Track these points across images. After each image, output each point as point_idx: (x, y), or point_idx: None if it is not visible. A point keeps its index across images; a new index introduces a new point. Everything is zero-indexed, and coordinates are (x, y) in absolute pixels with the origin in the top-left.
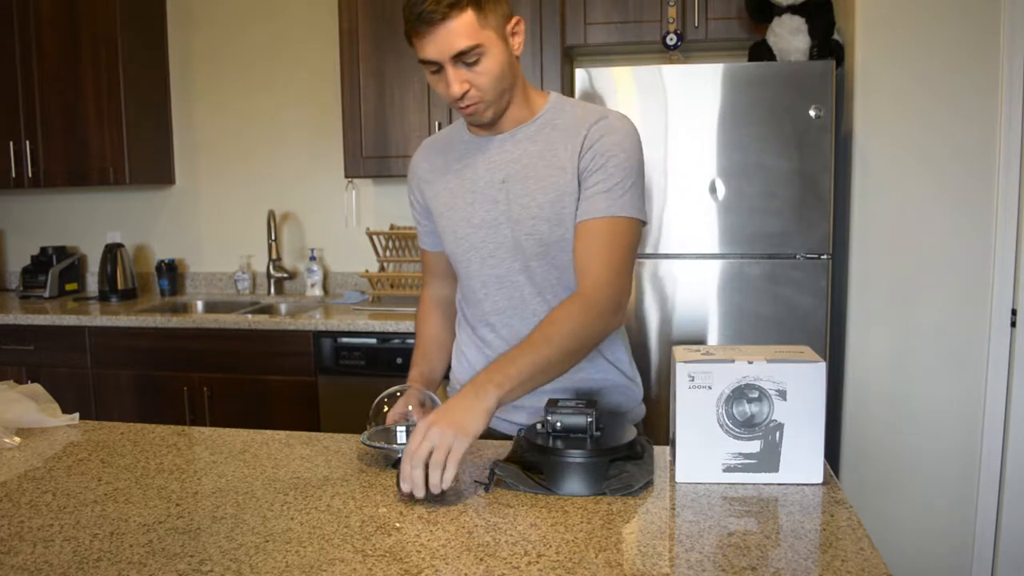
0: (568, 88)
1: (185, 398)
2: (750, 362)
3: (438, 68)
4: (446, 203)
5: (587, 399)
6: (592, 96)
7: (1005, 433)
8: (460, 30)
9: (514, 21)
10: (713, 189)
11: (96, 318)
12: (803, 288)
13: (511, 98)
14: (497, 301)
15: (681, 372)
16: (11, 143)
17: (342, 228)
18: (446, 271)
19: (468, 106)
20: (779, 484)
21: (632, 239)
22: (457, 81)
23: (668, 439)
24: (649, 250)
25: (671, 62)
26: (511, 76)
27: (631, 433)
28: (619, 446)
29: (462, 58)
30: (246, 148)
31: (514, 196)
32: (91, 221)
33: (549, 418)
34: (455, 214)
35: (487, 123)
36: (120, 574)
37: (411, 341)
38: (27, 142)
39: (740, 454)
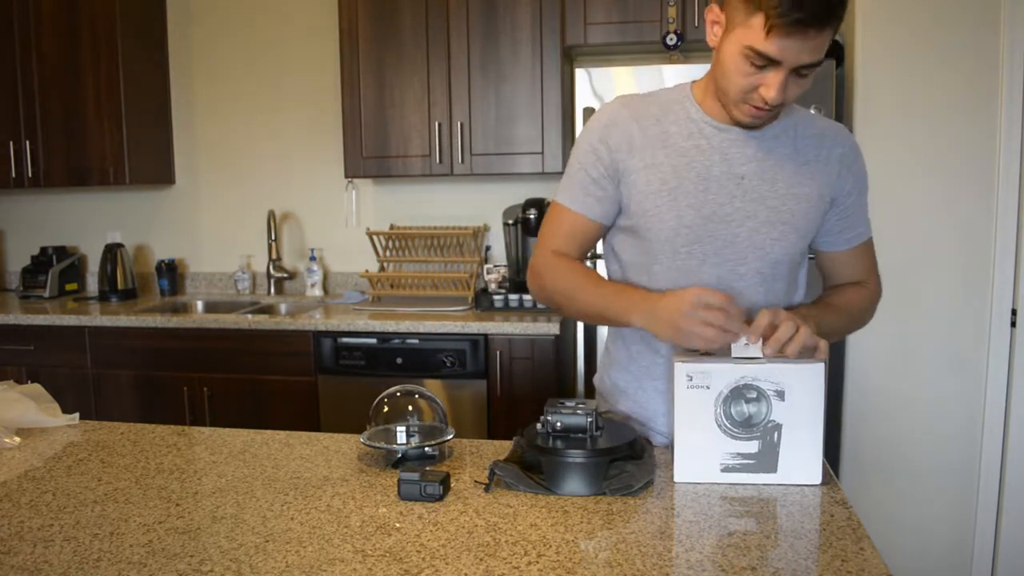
0: (568, 88)
1: (185, 398)
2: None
3: (765, 64)
4: (665, 180)
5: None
6: (592, 96)
7: (1005, 433)
8: (823, 43)
9: None
10: None
11: (96, 318)
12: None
13: None
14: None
15: (679, 371)
16: (11, 143)
17: (342, 228)
18: (584, 246)
19: (767, 111)
20: (777, 485)
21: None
22: (783, 88)
23: None
24: None
25: (671, 62)
26: None
27: (631, 433)
28: (619, 446)
29: (801, 69)
30: (246, 148)
31: (759, 196)
32: (91, 221)
33: (549, 418)
34: (679, 197)
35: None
36: (120, 574)
37: (411, 341)
38: (27, 142)
39: (738, 454)
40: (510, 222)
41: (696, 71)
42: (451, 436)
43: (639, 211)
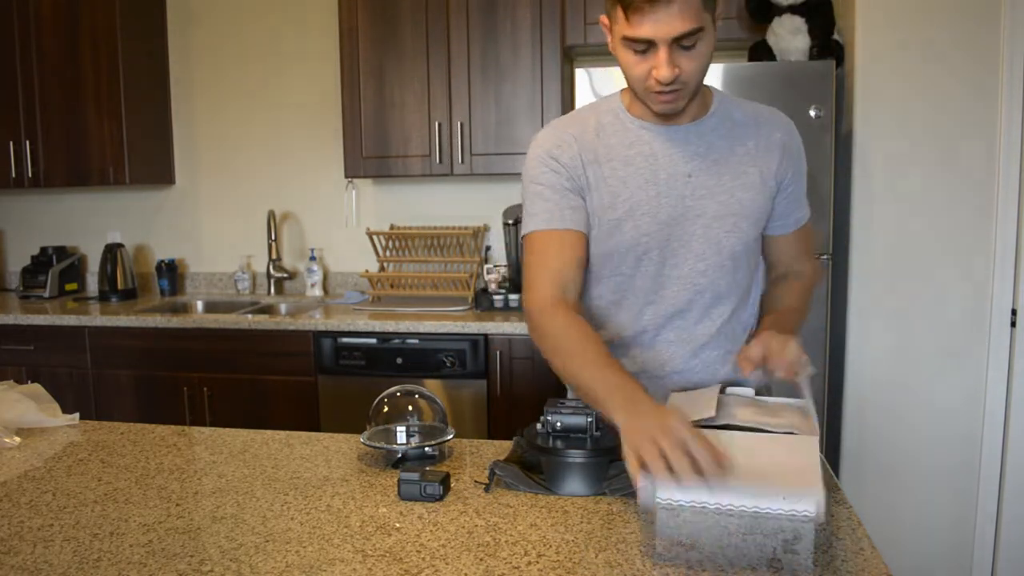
0: (568, 88)
1: (185, 398)
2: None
3: (646, 48)
4: (617, 193)
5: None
6: (592, 96)
7: (1005, 433)
8: (687, 10)
9: (721, 7)
10: None
11: (96, 318)
12: None
13: (700, 88)
14: (674, 304)
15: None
16: (11, 143)
17: (342, 228)
18: (577, 265)
19: (669, 93)
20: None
21: None
22: (670, 65)
23: None
24: None
25: None
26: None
27: None
28: (619, 446)
29: (681, 40)
30: (246, 148)
31: (708, 191)
32: (91, 221)
33: (549, 418)
34: (634, 207)
35: (676, 113)
36: (120, 574)
37: (411, 341)
38: (27, 142)
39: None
40: (510, 222)
41: None
42: (451, 436)
43: (598, 225)
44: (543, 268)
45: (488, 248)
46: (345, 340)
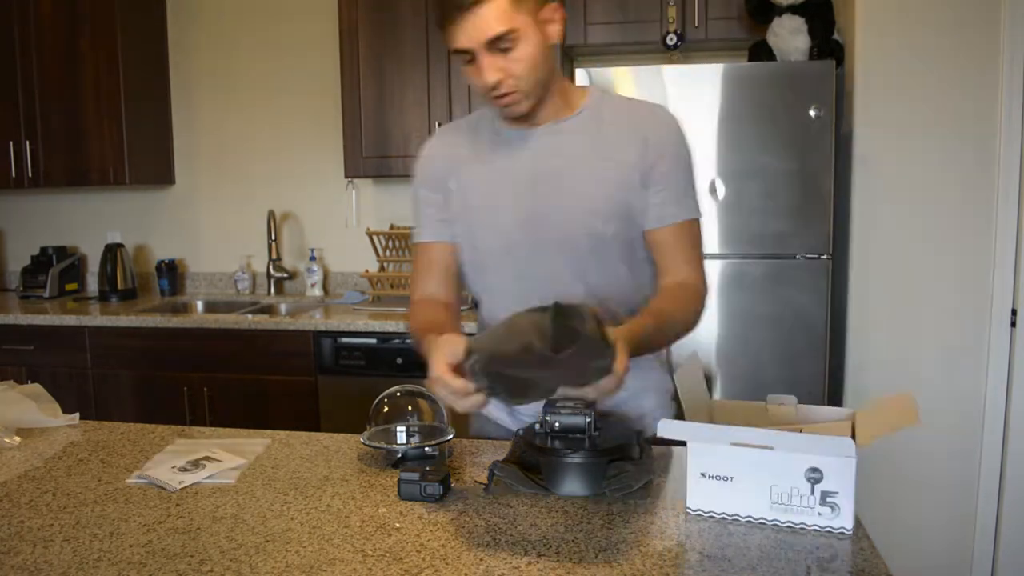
0: None
1: (185, 398)
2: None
3: (471, 58)
4: (479, 197)
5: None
6: None
7: (1005, 433)
8: (493, 15)
9: (551, 8)
10: (713, 189)
11: (96, 318)
12: (803, 288)
13: (548, 90)
14: (538, 302)
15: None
16: (11, 143)
17: (342, 228)
18: (452, 270)
19: (504, 96)
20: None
21: (702, 237)
22: (491, 69)
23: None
24: None
25: (671, 62)
26: (548, 65)
27: (629, 433)
28: (617, 446)
29: (496, 44)
30: (246, 148)
31: (564, 191)
32: (91, 221)
33: (547, 418)
34: (493, 210)
35: (523, 115)
36: (120, 574)
37: (411, 341)
38: (27, 142)
39: None
40: None
41: (696, 71)
42: (451, 436)
43: (465, 228)
44: (420, 274)
45: None
46: (345, 340)
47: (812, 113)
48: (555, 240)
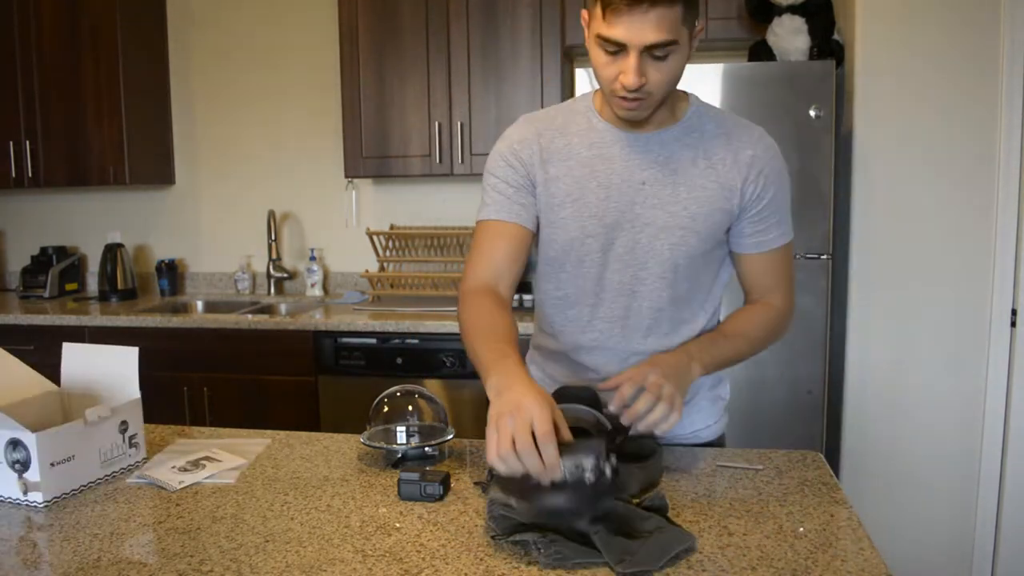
0: (568, 88)
1: (185, 398)
2: None
3: (618, 50)
4: (569, 192)
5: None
6: None
7: (1005, 433)
8: (665, 22)
9: (700, 25)
10: None
11: (96, 318)
12: (803, 288)
13: (668, 99)
14: (612, 308)
15: None
16: (11, 143)
17: (342, 228)
18: (514, 258)
19: (633, 100)
20: None
21: (792, 257)
22: (638, 72)
23: None
24: None
25: None
26: (680, 78)
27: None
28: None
29: (653, 50)
30: (246, 148)
31: (660, 201)
32: (91, 221)
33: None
34: (582, 207)
35: (639, 120)
36: (120, 574)
37: (411, 341)
38: (27, 142)
39: None
40: None
41: (697, 70)
42: (451, 436)
43: (546, 222)
44: (482, 256)
45: None
46: (345, 340)
47: (812, 113)
48: (645, 249)
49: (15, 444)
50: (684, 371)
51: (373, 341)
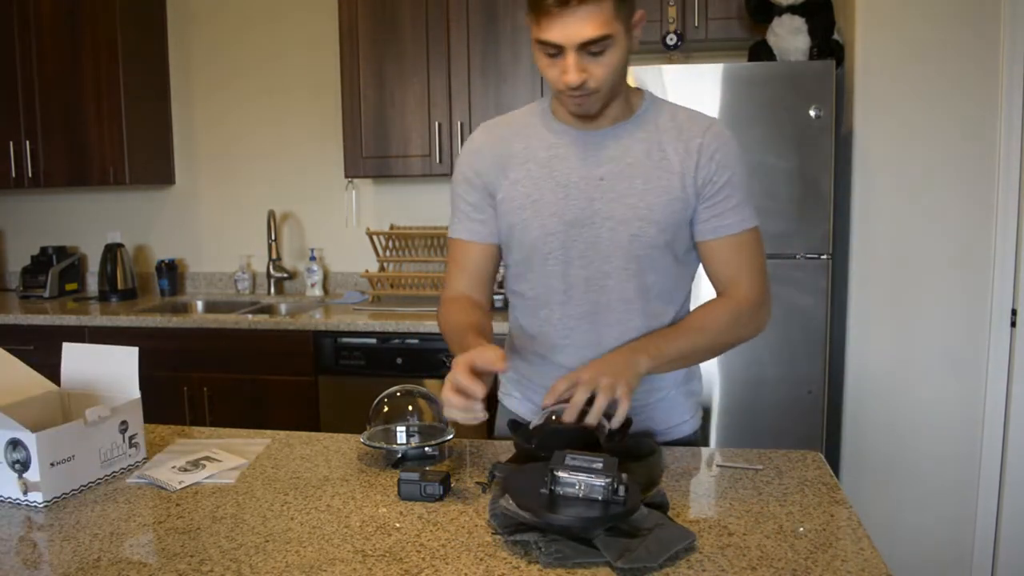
0: None
1: (185, 398)
2: None
3: (556, 52)
4: (528, 194)
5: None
6: None
7: (1005, 433)
8: (595, 18)
9: (639, 15)
10: None
11: (96, 318)
12: (803, 288)
13: (618, 93)
14: (581, 305)
15: None
16: (11, 143)
17: (342, 228)
18: (483, 270)
19: (580, 96)
20: None
21: (761, 245)
22: (577, 70)
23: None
24: None
25: (671, 62)
26: (625, 71)
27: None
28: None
29: (588, 47)
30: (246, 148)
31: (618, 195)
32: (91, 221)
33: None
34: (542, 208)
35: (591, 116)
36: (120, 574)
37: (411, 341)
38: (27, 142)
39: None
40: None
41: (696, 71)
42: (451, 436)
43: (507, 225)
44: (454, 270)
45: None
46: (345, 340)
47: (812, 113)
48: (607, 244)
49: (15, 444)
50: (625, 364)
51: (373, 341)
